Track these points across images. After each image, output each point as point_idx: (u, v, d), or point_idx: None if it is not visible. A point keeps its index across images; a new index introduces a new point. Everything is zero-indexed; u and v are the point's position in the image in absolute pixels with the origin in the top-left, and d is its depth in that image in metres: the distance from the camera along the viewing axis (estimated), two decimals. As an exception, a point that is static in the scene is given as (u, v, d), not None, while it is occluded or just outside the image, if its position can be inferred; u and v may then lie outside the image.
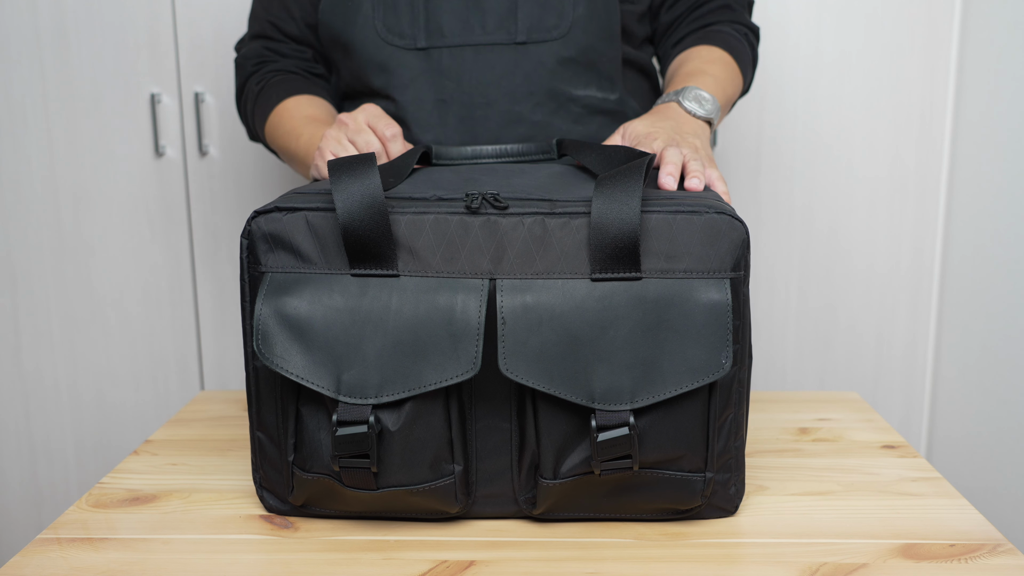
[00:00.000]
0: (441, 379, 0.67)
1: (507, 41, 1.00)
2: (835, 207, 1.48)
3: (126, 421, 1.52)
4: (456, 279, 0.69)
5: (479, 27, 1.00)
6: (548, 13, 1.00)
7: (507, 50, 1.00)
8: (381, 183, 0.69)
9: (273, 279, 0.70)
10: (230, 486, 0.83)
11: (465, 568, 0.68)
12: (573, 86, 1.01)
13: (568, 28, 1.00)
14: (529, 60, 1.00)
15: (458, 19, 1.00)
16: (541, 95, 1.00)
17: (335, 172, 0.70)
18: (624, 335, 0.67)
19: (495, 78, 1.00)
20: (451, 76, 1.00)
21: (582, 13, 1.00)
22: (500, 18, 1.00)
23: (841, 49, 1.43)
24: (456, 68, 1.00)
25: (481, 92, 1.00)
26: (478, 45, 1.00)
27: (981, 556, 0.69)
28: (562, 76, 1.01)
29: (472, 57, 1.00)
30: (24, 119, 1.43)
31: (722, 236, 0.69)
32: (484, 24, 1.00)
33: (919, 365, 1.52)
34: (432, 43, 1.00)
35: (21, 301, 1.48)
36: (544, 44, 1.00)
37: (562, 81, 1.01)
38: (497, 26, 1.00)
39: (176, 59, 1.42)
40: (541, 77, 1.00)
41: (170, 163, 1.45)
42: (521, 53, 1.00)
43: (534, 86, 1.00)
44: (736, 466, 0.74)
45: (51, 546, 0.72)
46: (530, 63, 1.00)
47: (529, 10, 0.99)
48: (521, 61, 1.00)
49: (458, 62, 1.00)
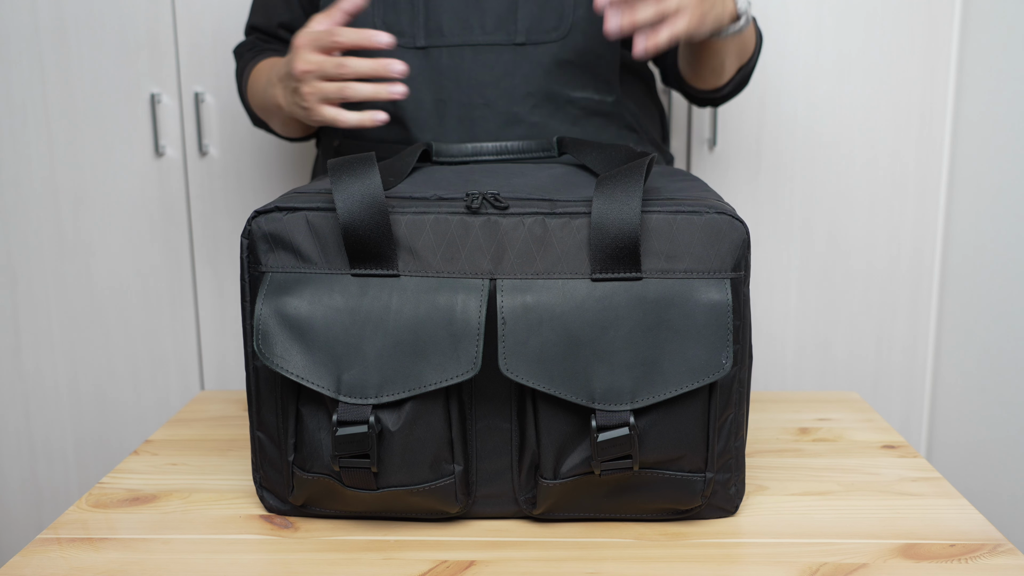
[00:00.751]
0: (441, 379, 0.67)
1: (506, 42, 1.00)
2: (835, 207, 1.48)
3: (126, 421, 1.52)
4: (456, 279, 0.69)
5: (478, 27, 1.00)
6: (548, 14, 1.00)
7: (506, 51, 1.00)
8: (381, 183, 0.69)
9: (273, 279, 0.70)
10: (230, 486, 0.83)
11: (465, 568, 0.68)
12: (571, 88, 1.02)
13: (568, 30, 1.00)
14: (528, 61, 1.00)
15: (458, 18, 1.00)
16: (539, 96, 1.00)
17: (335, 172, 0.70)
18: (624, 335, 0.67)
19: (494, 78, 1.00)
20: (450, 76, 1.00)
21: (582, 15, 1.00)
22: (500, 18, 1.00)
23: (841, 49, 1.43)
24: (455, 68, 1.00)
25: (480, 92, 1.00)
26: (477, 45, 1.00)
27: (981, 556, 0.69)
28: (560, 78, 1.01)
29: (471, 57, 1.00)
30: (24, 119, 1.43)
31: (722, 236, 0.69)
32: (484, 24, 1.00)
33: (919, 365, 1.52)
34: (432, 42, 1.00)
35: (21, 301, 1.48)
36: (543, 46, 1.00)
37: (560, 83, 1.01)
38: (496, 26, 1.00)
39: (176, 59, 1.42)
40: (539, 78, 1.00)
41: (170, 163, 1.45)
42: (520, 54, 1.00)
43: (532, 87, 1.00)
44: (736, 466, 0.74)
45: (51, 546, 0.72)
46: (529, 64, 1.00)
47: (529, 11, 1.00)
48: (520, 62, 1.00)
49: (457, 62, 1.00)
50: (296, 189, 0.77)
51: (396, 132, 1.02)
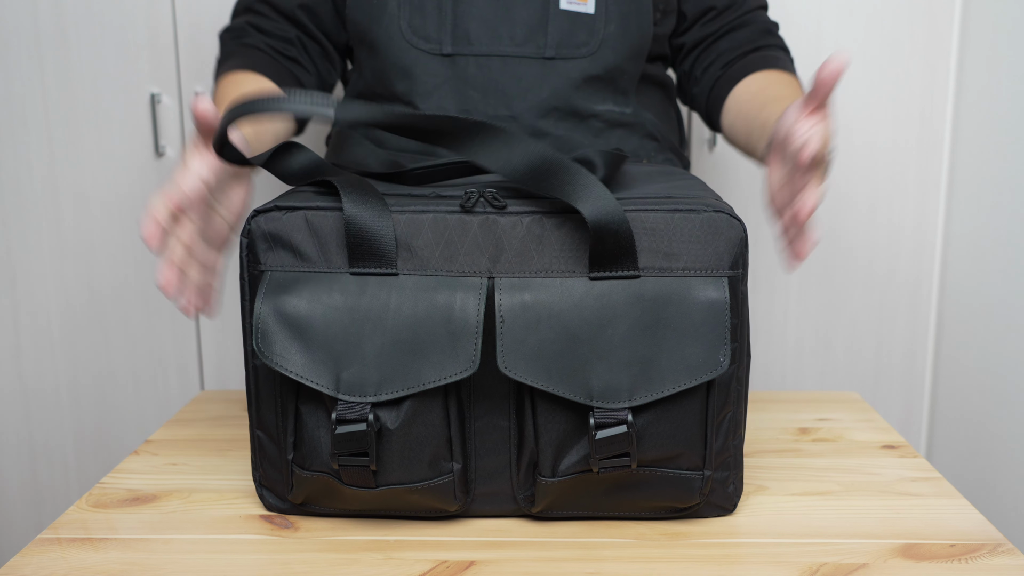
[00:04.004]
0: (440, 377, 0.67)
1: (535, 55, 0.98)
2: (835, 207, 1.48)
3: (126, 421, 1.52)
4: (455, 277, 0.69)
5: (507, 37, 0.98)
6: (579, 29, 0.99)
7: (535, 63, 0.98)
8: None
9: (272, 278, 0.70)
10: (230, 486, 0.83)
11: (465, 568, 0.68)
12: (594, 101, 1.01)
13: (598, 46, 0.99)
14: (556, 75, 0.99)
15: (487, 27, 0.98)
16: (565, 110, 0.99)
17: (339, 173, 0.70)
18: (622, 333, 0.67)
19: (521, 91, 0.99)
20: (476, 86, 0.99)
21: (613, 31, 0.99)
22: (530, 30, 0.98)
23: (841, 48, 1.43)
24: (482, 78, 0.98)
25: (506, 104, 0.99)
26: (506, 56, 0.98)
27: (981, 556, 0.69)
28: (585, 93, 1.00)
29: (499, 67, 0.98)
30: (24, 119, 1.43)
31: (720, 234, 0.69)
32: (513, 35, 0.98)
33: (919, 365, 1.52)
34: (458, 50, 0.98)
35: (21, 301, 1.48)
36: (572, 61, 0.99)
37: (584, 97, 1.00)
38: (526, 38, 0.98)
39: (176, 59, 1.42)
40: (566, 93, 0.99)
41: (170, 163, 1.45)
42: (548, 68, 0.98)
43: (559, 101, 0.99)
44: (734, 464, 0.74)
45: (51, 546, 0.72)
46: (557, 78, 0.99)
47: (559, 25, 0.98)
48: (548, 76, 0.98)
49: (484, 72, 0.98)
50: (295, 188, 0.77)
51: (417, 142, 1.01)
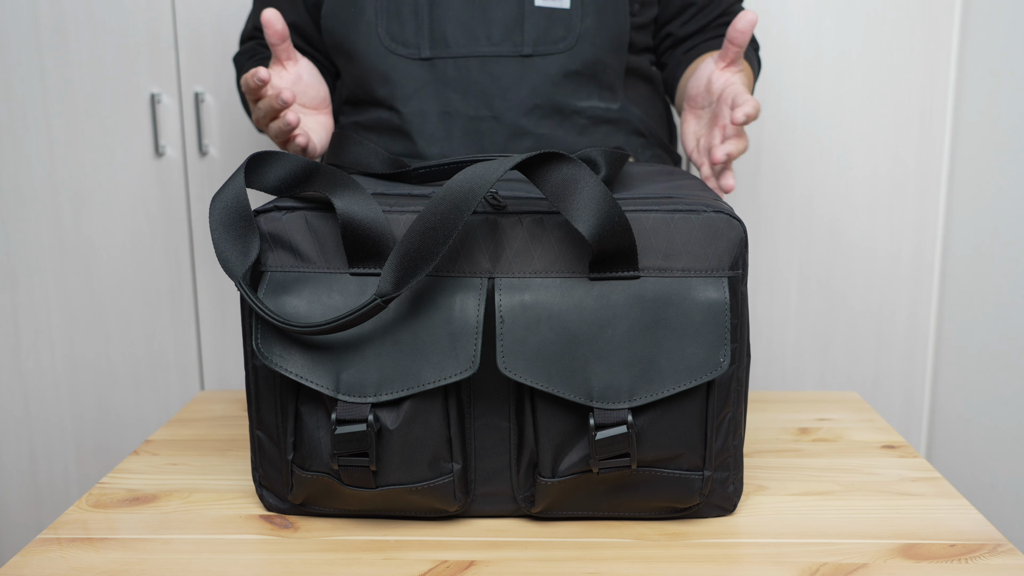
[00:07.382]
0: (440, 378, 0.67)
1: (513, 53, 0.98)
2: (835, 207, 1.48)
3: (126, 421, 1.52)
4: (455, 278, 0.69)
5: (484, 38, 0.99)
6: (555, 25, 0.99)
7: (513, 62, 0.99)
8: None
9: (272, 278, 0.70)
10: (230, 486, 0.83)
11: (465, 568, 0.68)
12: (577, 98, 1.01)
13: (575, 41, 0.99)
14: (535, 72, 0.99)
15: (463, 29, 0.99)
16: (546, 108, 1.00)
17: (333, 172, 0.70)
18: (622, 334, 0.67)
19: (500, 90, 0.99)
20: (456, 88, 0.99)
21: (590, 25, 0.99)
22: (506, 29, 0.99)
23: (841, 49, 1.43)
24: (461, 80, 0.99)
25: (487, 104, 0.99)
26: (483, 56, 0.99)
27: (981, 556, 0.69)
28: (566, 88, 1.00)
29: (478, 68, 0.99)
30: (24, 119, 1.43)
31: (720, 235, 0.69)
32: (490, 35, 0.99)
33: (919, 365, 1.52)
34: (436, 53, 0.99)
35: (21, 301, 1.48)
36: (550, 57, 0.99)
37: (566, 93, 1.00)
38: (503, 37, 0.99)
39: (176, 59, 1.42)
40: (546, 90, 0.99)
41: (170, 163, 1.45)
42: (527, 65, 0.99)
43: (539, 98, 0.99)
44: (734, 465, 0.74)
45: (51, 546, 0.72)
46: (536, 75, 0.99)
47: (536, 21, 0.98)
48: (527, 73, 0.99)
49: (463, 73, 0.99)
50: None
51: (403, 145, 1.02)
